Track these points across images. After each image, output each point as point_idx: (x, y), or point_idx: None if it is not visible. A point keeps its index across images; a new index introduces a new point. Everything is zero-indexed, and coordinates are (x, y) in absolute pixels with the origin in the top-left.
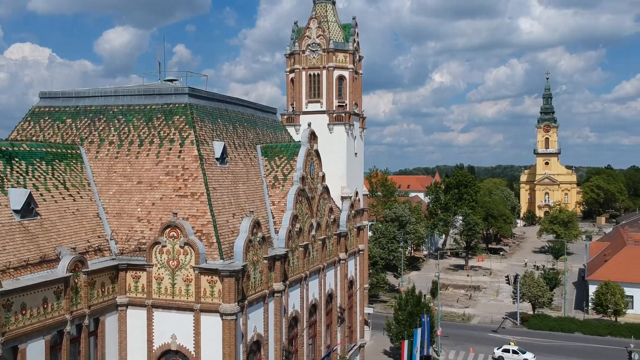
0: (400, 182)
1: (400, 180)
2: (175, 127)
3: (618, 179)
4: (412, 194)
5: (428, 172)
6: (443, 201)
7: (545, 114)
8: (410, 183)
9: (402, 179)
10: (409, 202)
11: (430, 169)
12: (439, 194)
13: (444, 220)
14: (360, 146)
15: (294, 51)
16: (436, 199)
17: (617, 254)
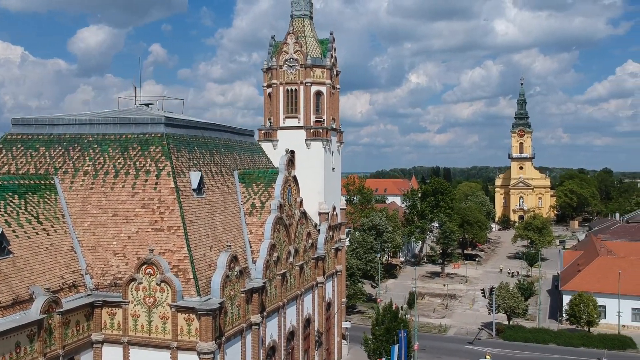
0: (377, 185)
1: (377, 184)
2: (152, 157)
3: (591, 183)
4: (389, 198)
5: (405, 174)
6: (420, 208)
7: (519, 119)
8: (387, 187)
9: (379, 183)
10: (385, 210)
11: (406, 170)
12: (416, 201)
13: (421, 227)
14: (337, 161)
15: (271, 66)
16: (413, 206)
17: (590, 264)
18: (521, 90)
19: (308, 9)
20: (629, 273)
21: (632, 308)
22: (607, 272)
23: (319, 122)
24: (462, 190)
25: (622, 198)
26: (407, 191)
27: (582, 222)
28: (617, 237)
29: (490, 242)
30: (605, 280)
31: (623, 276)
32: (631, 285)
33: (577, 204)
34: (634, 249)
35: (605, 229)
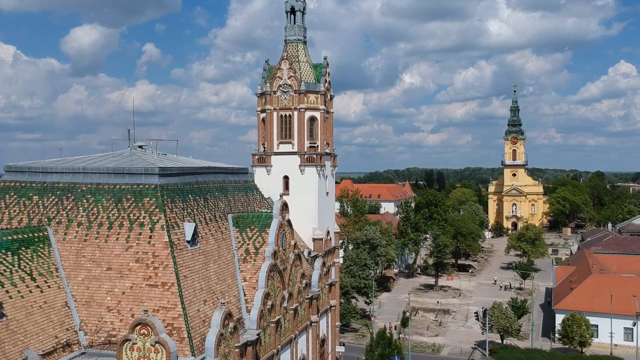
0: (370, 191)
1: (371, 189)
2: (146, 210)
3: (583, 190)
4: (382, 205)
5: (398, 175)
6: (413, 220)
7: (512, 126)
8: (381, 193)
9: (373, 189)
10: (379, 223)
11: (400, 171)
12: (409, 213)
13: (414, 239)
14: (331, 185)
15: (265, 91)
16: (406, 218)
17: (582, 283)
18: (514, 97)
19: (302, 34)
20: (621, 292)
21: (624, 327)
22: (599, 291)
23: (313, 147)
24: (456, 196)
25: (615, 204)
26: (401, 203)
27: (574, 228)
28: (609, 249)
29: (484, 251)
30: (597, 300)
31: (615, 295)
32: (623, 304)
33: (570, 210)
34: (626, 263)
35: (598, 240)
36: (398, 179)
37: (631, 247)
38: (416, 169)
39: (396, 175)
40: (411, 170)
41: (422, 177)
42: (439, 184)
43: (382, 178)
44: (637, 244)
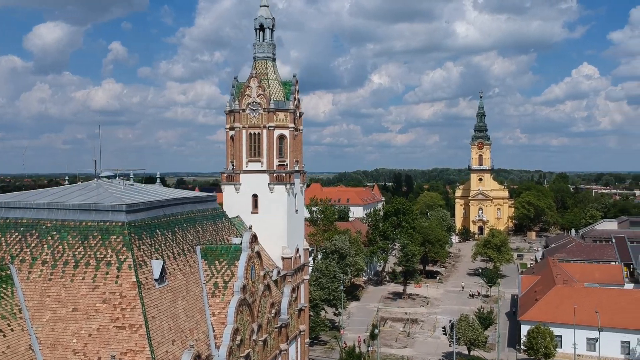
0: (339, 195)
1: (340, 193)
2: (113, 248)
3: (547, 194)
4: (352, 209)
5: (367, 176)
6: (382, 229)
7: (479, 132)
8: (350, 197)
9: (342, 193)
10: (348, 233)
11: (369, 172)
12: (378, 221)
13: (383, 248)
14: (301, 202)
15: (233, 109)
16: (375, 227)
17: (546, 294)
18: (480, 103)
19: (271, 51)
20: (584, 303)
21: (587, 338)
22: (563, 302)
23: (282, 165)
24: (424, 200)
25: (578, 208)
26: (370, 211)
27: (539, 231)
28: (572, 256)
29: (451, 257)
30: (561, 311)
31: (578, 306)
32: (585, 315)
33: (535, 214)
34: (589, 271)
35: (561, 247)
36: (367, 179)
37: (593, 254)
38: (384, 169)
39: (365, 176)
40: (380, 171)
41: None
42: (407, 186)
43: (351, 179)
44: (599, 250)
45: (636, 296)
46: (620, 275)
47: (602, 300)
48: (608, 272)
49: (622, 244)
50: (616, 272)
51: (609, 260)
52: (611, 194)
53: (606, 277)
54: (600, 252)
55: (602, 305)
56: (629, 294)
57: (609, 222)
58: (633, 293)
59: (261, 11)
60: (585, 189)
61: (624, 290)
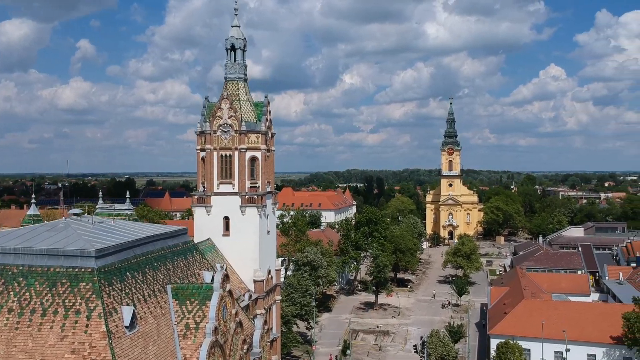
0: (311, 200)
1: (312, 198)
2: (82, 295)
3: (515, 199)
4: (323, 214)
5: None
6: (353, 239)
7: (449, 138)
8: (322, 202)
9: (314, 197)
10: (320, 244)
11: (340, 173)
12: (350, 231)
13: (355, 258)
14: (273, 222)
15: (205, 130)
16: (347, 237)
17: (515, 308)
18: (450, 109)
19: (242, 72)
20: (552, 316)
21: (555, 351)
22: (531, 315)
23: (254, 187)
24: (395, 205)
25: (545, 212)
26: (342, 221)
27: (507, 235)
28: (540, 264)
29: (422, 263)
30: (529, 324)
31: (546, 320)
32: (553, 329)
33: (503, 219)
34: (556, 281)
35: (530, 255)
36: (339, 180)
37: (560, 262)
38: (356, 170)
39: (337, 177)
40: (351, 172)
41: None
42: (378, 188)
43: (323, 180)
44: (566, 259)
45: (601, 309)
46: (586, 285)
47: (569, 314)
48: (575, 282)
49: (588, 253)
50: (582, 282)
51: (576, 269)
52: (577, 198)
53: (573, 286)
54: (567, 260)
55: (569, 318)
56: (594, 308)
57: (575, 229)
58: (598, 307)
59: (232, 32)
60: (552, 191)
61: (590, 304)
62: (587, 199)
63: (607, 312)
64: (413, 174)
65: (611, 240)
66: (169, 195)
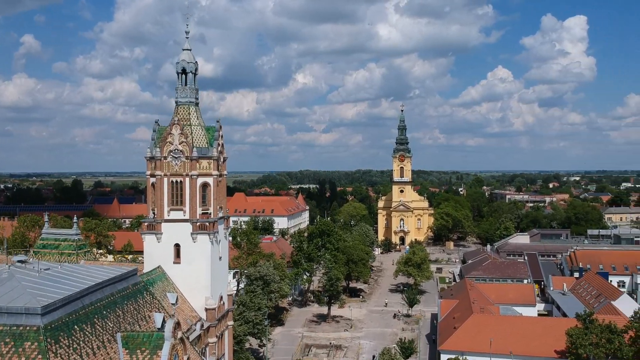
0: (264, 206)
1: (264, 204)
2: (27, 356)
3: (464, 205)
4: (276, 220)
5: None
6: (306, 250)
7: (400, 145)
8: (274, 207)
9: (266, 203)
10: (273, 257)
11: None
12: (302, 243)
13: (308, 270)
14: (225, 247)
15: (155, 156)
16: (299, 248)
17: (464, 323)
18: (401, 116)
19: (194, 96)
20: (500, 330)
21: None
22: (480, 331)
23: (205, 214)
24: (347, 210)
25: (493, 217)
26: (295, 232)
27: (457, 240)
28: (488, 273)
29: (374, 271)
30: (478, 340)
31: (495, 335)
32: (501, 344)
33: (452, 225)
34: (503, 292)
35: (478, 263)
36: (291, 181)
37: (507, 271)
38: (309, 171)
39: (289, 178)
40: (304, 173)
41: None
42: (331, 190)
43: (276, 181)
44: (512, 268)
45: (547, 324)
46: (532, 295)
47: (516, 329)
48: (521, 292)
49: (534, 261)
50: (528, 292)
51: (522, 278)
52: (524, 202)
53: (519, 297)
54: (514, 269)
55: (516, 333)
56: (540, 322)
57: (521, 236)
58: (544, 321)
59: (183, 55)
60: (499, 194)
61: (537, 319)
62: (533, 203)
63: (553, 326)
64: (365, 174)
65: (556, 247)
66: (118, 202)
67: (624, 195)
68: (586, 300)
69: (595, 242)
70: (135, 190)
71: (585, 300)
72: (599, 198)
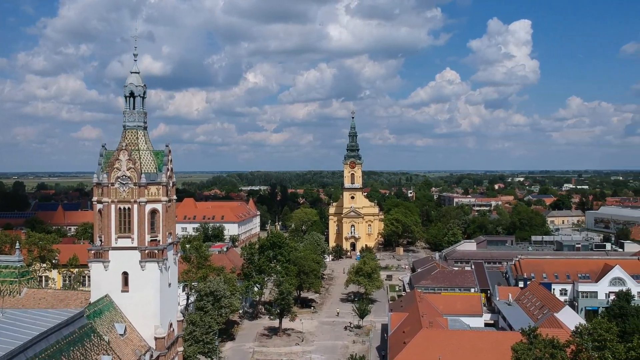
0: (214, 212)
1: (215, 210)
2: None
3: (413, 210)
4: (226, 227)
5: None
6: (257, 263)
7: (351, 151)
8: (225, 214)
9: (217, 209)
10: (224, 272)
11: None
12: (253, 255)
13: (259, 282)
14: (174, 273)
15: (102, 182)
16: (250, 261)
17: (414, 338)
18: (352, 123)
19: (142, 120)
20: (448, 346)
21: None
22: (429, 346)
23: (154, 241)
24: (298, 216)
25: (441, 222)
26: (246, 245)
27: (406, 245)
28: (437, 283)
29: (325, 279)
30: (427, 355)
31: (443, 350)
32: (450, 359)
33: (402, 230)
34: (451, 302)
35: (427, 273)
36: (242, 183)
37: (455, 280)
38: (260, 172)
39: (240, 179)
40: (255, 174)
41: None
42: (282, 194)
43: (226, 183)
44: (460, 277)
45: (494, 338)
46: (478, 305)
47: (464, 344)
48: (468, 303)
49: (480, 270)
50: (475, 303)
51: (469, 287)
52: (471, 206)
53: (467, 307)
54: (461, 278)
55: (465, 348)
56: (488, 336)
57: (468, 243)
58: (491, 335)
59: (131, 78)
60: (447, 197)
61: (484, 333)
62: (480, 207)
63: (499, 341)
64: (316, 175)
65: (501, 255)
66: (63, 208)
67: (566, 198)
68: (530, 312)
69: (539, 247)
70: (80, 193)
71: (530, 311)
72: (542, 200)
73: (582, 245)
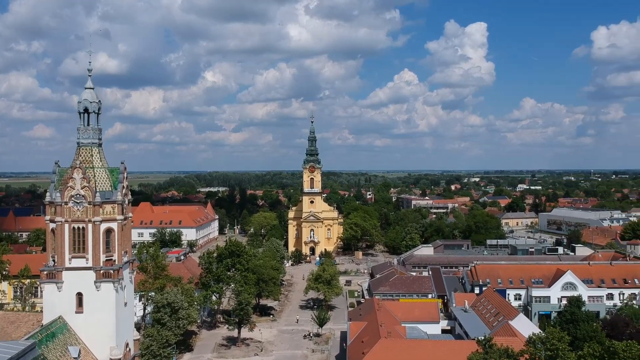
0: (171, 217)
1: (172, 214)
2: None
3: (372, 214)
4: (184, 232)
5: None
6: (215, 272)
7: (310, 156)
8: (182, 219)
9: (174, 214)
10: (181, 282)
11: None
12: (212, 264)
13: (217, 292)
14: (130, 292)
15: (54, 201)
16: (208, 270)
17: (372, 349)
18: (312, 127)
19: (97, 137)
20: (406, 355)
21: None
22: (387, 356)
23: (109, 261)
24: (258, 220)
25: (399, 226)
26: (204, 254)
27: (365, 249)
28: (395, 289)
29: (284, 285)
30: None
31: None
32: None
33: (361, 234)
34: (409, 309)
35: (385, 279)
36: (200, 184)
37: (413, 286)
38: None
39: (198, 180)
40: (213, 175)
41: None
42: (241, 196)
43: (184, 184)
44: (418, 283)
45: (452, 347)
46: (435, 311)
47: (422, 353)
48: (425, 310)
49: (438, 276)
50: (432, 309)
51: (427, 293)
52: (428, 208)
53: (424, 314)
54: (419, 285)
55: (422, 357)
56: (444, 346)
57: (426, 248)
58: (448, 344)
59: (85, 94)
60: (405, 199)
61: (442, 342)
62: (437, 209)
63: (456, 350)
64: (276, 176)
65: (458, 259)
66: (14, 214)
67: (520, 200)
68: (486, 319)
69: (494, 252)
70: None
71: (485, 318)
72: (497, 202)
73: (535, 249)
